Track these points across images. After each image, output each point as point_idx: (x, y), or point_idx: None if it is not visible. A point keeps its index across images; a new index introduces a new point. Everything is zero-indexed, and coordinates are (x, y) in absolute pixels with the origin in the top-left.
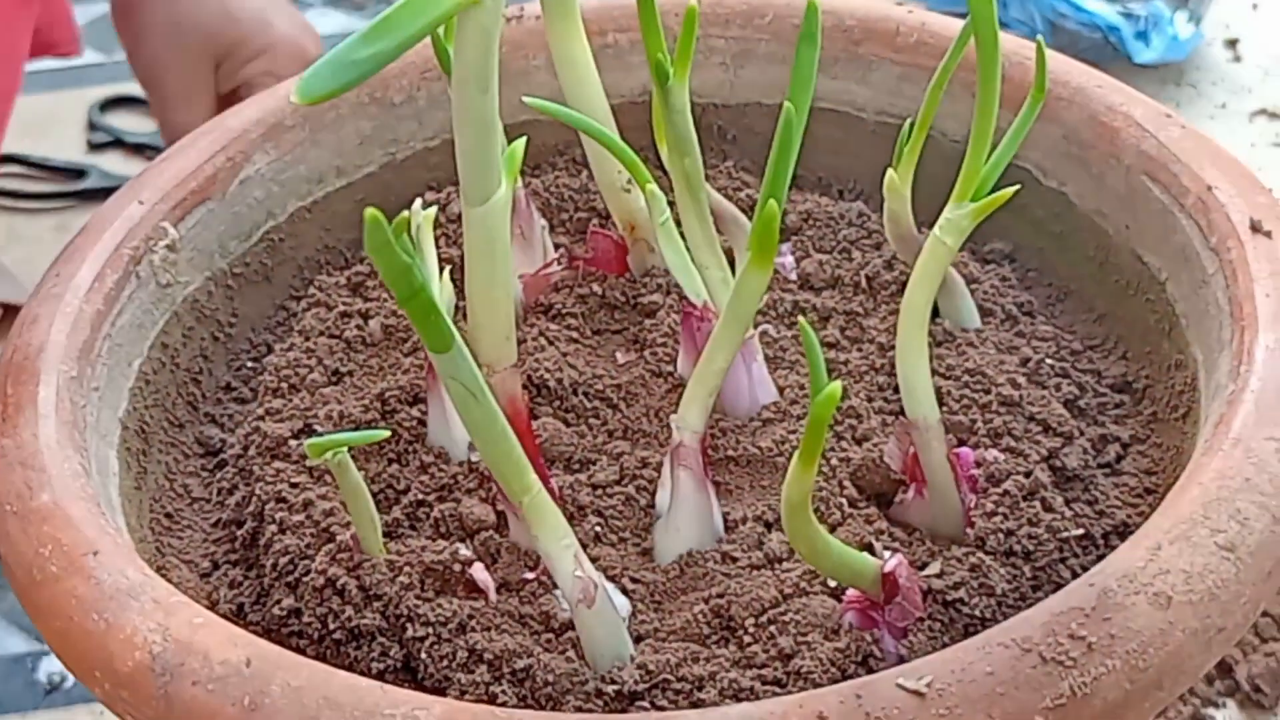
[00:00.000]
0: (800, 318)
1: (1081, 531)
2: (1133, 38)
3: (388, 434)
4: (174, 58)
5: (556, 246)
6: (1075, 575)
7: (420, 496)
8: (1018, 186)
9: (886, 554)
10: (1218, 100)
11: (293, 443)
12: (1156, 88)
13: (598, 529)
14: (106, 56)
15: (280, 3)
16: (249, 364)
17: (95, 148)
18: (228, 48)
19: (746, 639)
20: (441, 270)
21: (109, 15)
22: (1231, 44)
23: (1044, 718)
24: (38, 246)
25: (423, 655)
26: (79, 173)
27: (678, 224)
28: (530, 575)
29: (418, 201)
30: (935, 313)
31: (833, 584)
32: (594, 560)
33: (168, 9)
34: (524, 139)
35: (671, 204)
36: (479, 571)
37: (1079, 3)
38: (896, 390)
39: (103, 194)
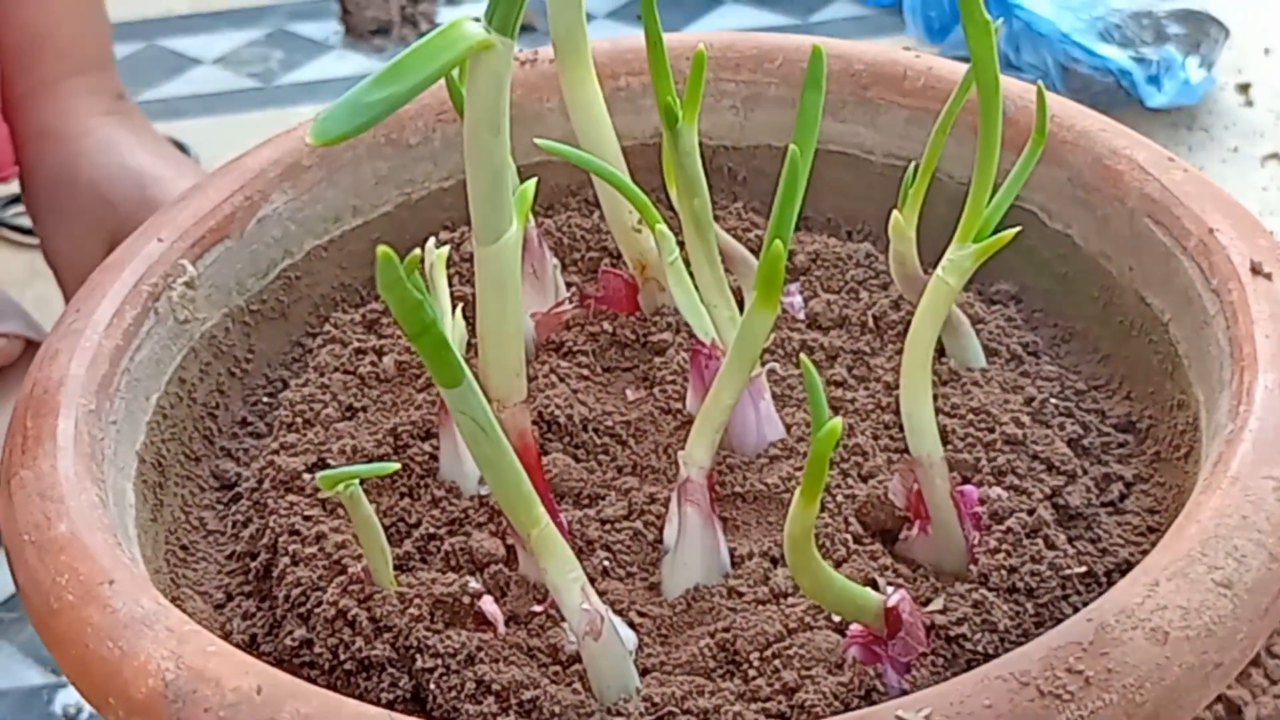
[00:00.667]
0: (803, 355)
1: (1084, 569)
2: (1145, 82)
3: (397, 467)
4: (64, 243)
5: (568, 285)
6: (1078, 612)
7: (431, 530)
8: (1019, 228)
9: (890, 589)
10: (1230, 144)
11: (307, 476)
12: (1169, 132)
13: (606, 563)
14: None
15: (170, 179)
16: (265, 399)
17: None
18: (111, 233)
19: (751, 672)
20: (455, 308)
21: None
22: (1244, 89)
23: None
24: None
25: (431, 686)
26: None
27: (687, 264)
28: (539, 608)
29: (431, 240)
30: (941, 352)
31: (837, 619)
32: (602, 594)
33: (55, 195)
34: (534, 180)
35: (681, 244)
36: (488, 604)
37: (1091, 47)
38: (902, 428)
39: None
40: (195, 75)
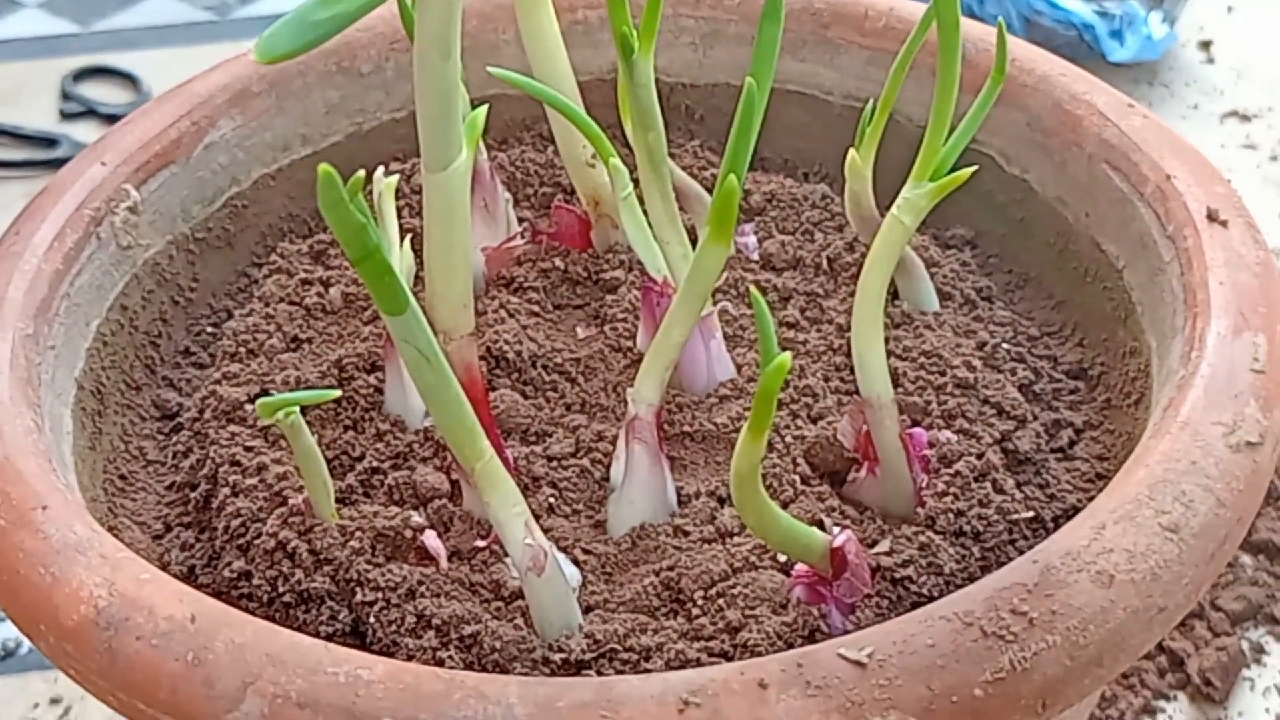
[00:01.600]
0: (753, 288)
1: (1031, 514)
2: (1107, 36)
3: (338, 394)
4: None
5: (520, 220)
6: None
7: (375, 464)
8: (975, 168)
9: (836, 530)
10: (1190, 101)
11: (249, 407)
12: (1130, 87)
13: (551, 500)
14: (81, 27)
15: None
16: (208, 329)
17: (67, 117)
18: None
19: (695, 611)
20: (403, 239)
21: None
22: (1205, 46)
23: (983, 691)
24: (6, 214)
25: (371, 620)
26: (50, 142)
27: (641, 202)
28: (482, 543)
29: (380, 169)
30: (895, 295)
31: (782, 559)
32: (547, 531)
33: None
34: (485, 108)
35: (635, 180)
36: (430, 539)
37: (1055, 0)
38: (854, 371)
39: None
40: (149, 6)
